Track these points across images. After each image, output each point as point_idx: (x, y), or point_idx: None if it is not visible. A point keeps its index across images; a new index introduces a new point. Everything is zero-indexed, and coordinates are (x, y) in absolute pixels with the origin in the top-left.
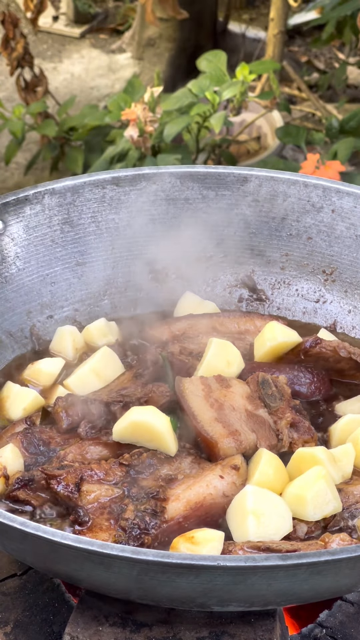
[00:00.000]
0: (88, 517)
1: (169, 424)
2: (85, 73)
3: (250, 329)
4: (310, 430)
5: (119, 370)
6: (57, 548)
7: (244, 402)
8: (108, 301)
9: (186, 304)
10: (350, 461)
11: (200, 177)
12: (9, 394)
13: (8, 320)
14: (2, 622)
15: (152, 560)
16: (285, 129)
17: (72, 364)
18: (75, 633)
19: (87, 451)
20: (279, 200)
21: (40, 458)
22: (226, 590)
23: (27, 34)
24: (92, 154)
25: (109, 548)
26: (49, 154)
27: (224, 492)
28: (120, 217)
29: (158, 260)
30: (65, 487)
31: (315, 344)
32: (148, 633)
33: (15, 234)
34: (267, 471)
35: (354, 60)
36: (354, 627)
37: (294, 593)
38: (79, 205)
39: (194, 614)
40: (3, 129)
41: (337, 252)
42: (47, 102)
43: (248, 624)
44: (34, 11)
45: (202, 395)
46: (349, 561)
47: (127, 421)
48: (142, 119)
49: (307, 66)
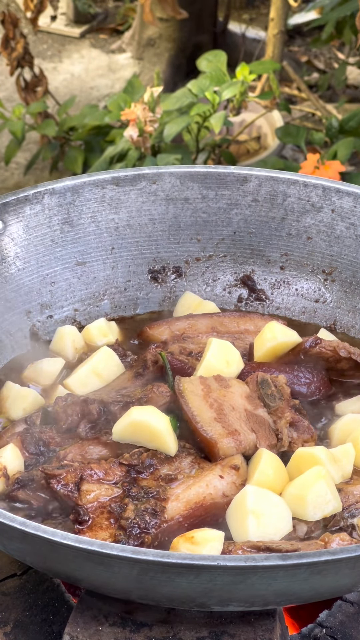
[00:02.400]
0: (88, 516)
1: (169, 424)
2: (85, 73)
3: (250, 329)
4: (310, 429)
5: (119, 370)
6: (57, 548)
7: (244, 402)
8: (108, 301)
9: (186, 304)
10: (350, 461)
11: (200, 177)
12: (9, 394)
13: (8, 320)
14: (2, 622)
15: (152, 560)
16: (285, 129)
17: (72, 364)
18: (75, 633)
19: (87, 451)
20: (279, 200)
21: (40, 458)
22: (226, 590)
23: (27, 34)
24: (92, 154)
25: (109, 548)
26: (48, 154)
27: (224, 492)
28: (120, 217)
29: (158, 260)
30: (65, 486)
31: (315, 344)
32: (148, 633)
33: (15, 234)
34: (267, 471)
35: (353, 60)
36: (354, 627)
37: (294, 593)
38: (78, 205)
39: (194, 614)
40: (3, 129)
41: (337, 252)
42: (47, 102)
43: (248, 624)
44: (34, 11)
45: (202, 395)
46: (349, 561)
47: (127, 421)
48: (142, 119)
49: (307, 66)
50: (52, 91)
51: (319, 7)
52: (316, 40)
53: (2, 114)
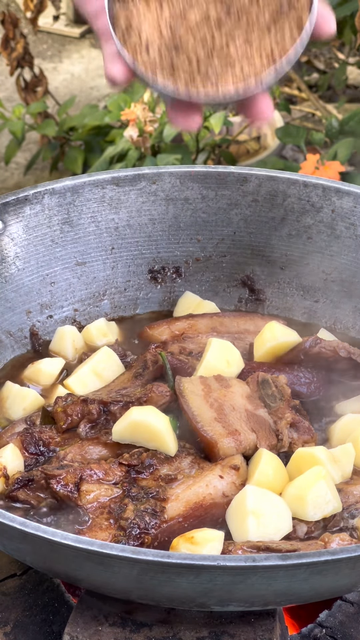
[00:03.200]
0: (87, 516)
1: (169, 424)
2: (85, 73)
3: (250, 329)
4: (310, 430)
5: (119, 370)
6: (57, 548)
7: (244, 402)
8: (108, 301)
9: (186, 304)
10: (350, 461)
11: (200, 177)
12: (9, 394)
13: (8, 320)
14: (2, 622)
15: (152, 560)
16: (285, 129)
17: (72, 364)
18: (75, 633)
19: (87, 451)
20: (279, 200)
21: (40, 458)
22: (226, 590)
23: (27, 34)
24: (92, 154)
25: (109, 548)
26: (48, 154)
27: (224, 492)
28: (120, 217)
29: (158, 261)
30: (65, 486)
31: (315, 344)
32: (148, 633)
33: (15, 234)
34: (267, 471)
35: (353, 60)
36: (354, 627)
37: (294, 593)
38: (78, 205)
39: (194, 614)
40: (3, 129)
41: (337, 252)
42: (47, 102)
43: (248, 624)
44: (34, 11)
45: (202, 395)
46: (349, 561)
47: (127, 421)
48: (142, 119)
49: (307, 66)
50: (52, 91)
51: None
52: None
53: (2, 114)
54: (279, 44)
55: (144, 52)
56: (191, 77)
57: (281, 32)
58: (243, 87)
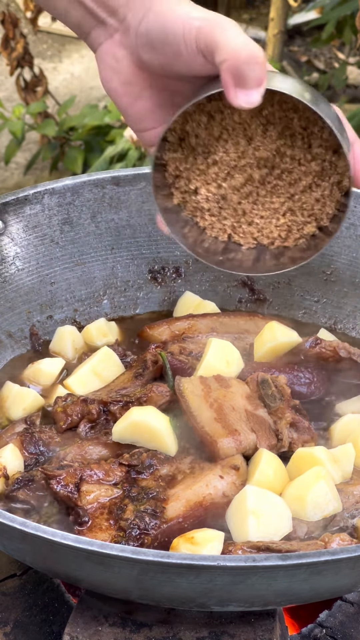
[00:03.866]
0: (87, 517)
1: (169, 424)
2: (85, 73)
3: (250, 329)
4: (310, 430)
5: (119, 370)
6: (57, 548)
7: (244, 402)
8: (108, 301)
9: (186, 304)
10: (350, 461)
11: None
12: (9, 394)
13: (8, 320)
14: (2, 622)
15: (152, 560)
16: None
17: (72, 364)
18: (74, 633)
19: (87, 451)
20: None
21: (40, 458)
22: (226, 590)
23: (27, 34)
24: (92, 154)
25: (109, 548)
26: (48, 154)
27: (224, 492)
28: (120, 217)
29: (158, 260)
30: (65, 487)
31: (315, 344)
32: (148, 633)
33: (15, 234)
34: (267, 471)
35: (353, 60)
36: (354, 627)
37: (294, 593)
38: (78, 205)
39: (194, 614)
40: (3, 129)
41: (337, 252)
42: (47, 102)
43: (248, 624)
44: (34, 11)
45: (202, 395)
46: (349, 561)
47: (127, 421)
48: None
49: (307, 66)
50: (52, 91)
51: (319, 7)
52: (316, 40)
53: (2, 114)
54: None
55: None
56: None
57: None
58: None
